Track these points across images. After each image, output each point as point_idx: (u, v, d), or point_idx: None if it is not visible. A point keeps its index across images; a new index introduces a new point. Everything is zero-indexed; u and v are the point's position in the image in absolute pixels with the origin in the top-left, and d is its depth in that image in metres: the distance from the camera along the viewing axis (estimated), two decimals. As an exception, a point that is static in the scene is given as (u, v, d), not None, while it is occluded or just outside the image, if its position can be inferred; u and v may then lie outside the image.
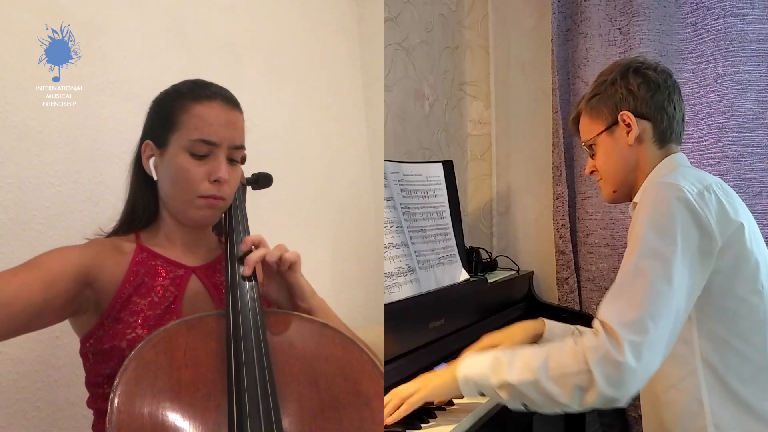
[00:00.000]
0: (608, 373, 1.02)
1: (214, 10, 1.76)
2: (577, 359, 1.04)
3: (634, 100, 1.29)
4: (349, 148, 2.16)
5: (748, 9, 1.86)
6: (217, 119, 1.08)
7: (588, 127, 1.38)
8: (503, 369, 1.10)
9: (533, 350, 1.11)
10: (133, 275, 1.07)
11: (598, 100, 1.34)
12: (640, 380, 1.04)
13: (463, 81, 2.42)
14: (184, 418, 0.83)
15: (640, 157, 1.31)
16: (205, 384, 0.87)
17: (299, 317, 1.05)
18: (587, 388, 1.03)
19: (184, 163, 1.07)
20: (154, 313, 1.05)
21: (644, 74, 1.30)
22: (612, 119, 1.32)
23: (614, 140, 1.32)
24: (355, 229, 2.13)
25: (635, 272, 1.09)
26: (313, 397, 0.91)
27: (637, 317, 1.04)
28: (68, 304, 1.03)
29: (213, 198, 1.08)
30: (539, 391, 1.07)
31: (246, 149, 1.27)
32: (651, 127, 1.30)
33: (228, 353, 0.91)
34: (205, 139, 1.07)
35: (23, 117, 1.28)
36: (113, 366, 1.00)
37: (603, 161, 1.36)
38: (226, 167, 1.08)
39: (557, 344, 1.10)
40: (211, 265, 1.16)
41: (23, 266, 1.00)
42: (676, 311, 1.07)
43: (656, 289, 1.06)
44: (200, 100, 1.08)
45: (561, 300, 2.12)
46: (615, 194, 1.37)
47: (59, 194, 1.34)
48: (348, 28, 2.20)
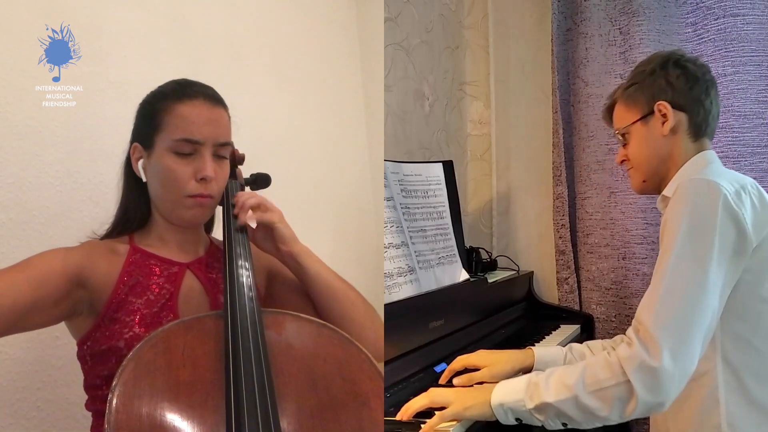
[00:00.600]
0: (647, 381, 1.02)
1: (214, 10, 1.76)
2: (614, 371, 1.05)
3: (672, 91, 1.29)
4: (349, 148, 2.16)
5: (748, 9, 1.86)
6: (199, 117, 1.08)
7: (623, 115, 1.37)
8: (539, 391, 1.10)
9: (567, 369, 1.12)
10: (127, 275, 1.07)
11: (636, 89, 1.34)
12: (678, 383, 1.04)
13: (463, 81, 2.42)
14: (182, 419, 0.83)
15: (673, 148, 1.30)
16: (204, 384, 0.87)
17: (297, 317, 1.05)
18: (628, 398, 1.04)
19: (170, 163, 1.07)
20: (150, 311, 1.05)
21: (684, 66, 1.30)
22: (648, 109, 1.31)
23: (648, 130, 1.32)
24: (355, 229, 2.13)
25: (672, 274, 1.09)
26: (311, 397, 0.91)
27: (674, 321, 1.05)
28: (59, 304, 1.03)
29: (201, 197, 1.09)
30: (579, 407, 1.07)
31: (245, 150, 1.27)
32: (686, 119, 1.29)
33: (226, 353, 0.91)
34: (188, 138, 1.07)
35: (23, 117, 1.28)
36: (111, 367, 1.00)
37: (635, 150, 1.35)
38: (211, 165, 1.08)
39: (591, 359, 1.11)
40: (203, 260, 1.16)
41: (12, 267, 1.01)
42: (711, 313, 1.08)
43: (693, 292, 1.07)
44: (182, 99, 1.09)
45: (561, 300, 2.12)
46: (644, 184, 1.37)
47: (59, 194, 1.34)
48: (348, 29, 2.20)
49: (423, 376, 1.35)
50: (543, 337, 1.83)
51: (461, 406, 1.13)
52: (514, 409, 1.12)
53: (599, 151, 2.06)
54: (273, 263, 1.21)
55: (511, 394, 1.13)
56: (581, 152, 2.11)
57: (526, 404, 1.10)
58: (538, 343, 1.76)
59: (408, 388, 1.28)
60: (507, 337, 1.83)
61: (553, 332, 1.91)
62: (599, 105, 2.06)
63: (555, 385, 1.09)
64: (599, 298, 2.05)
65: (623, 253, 2.01)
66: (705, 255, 1.08)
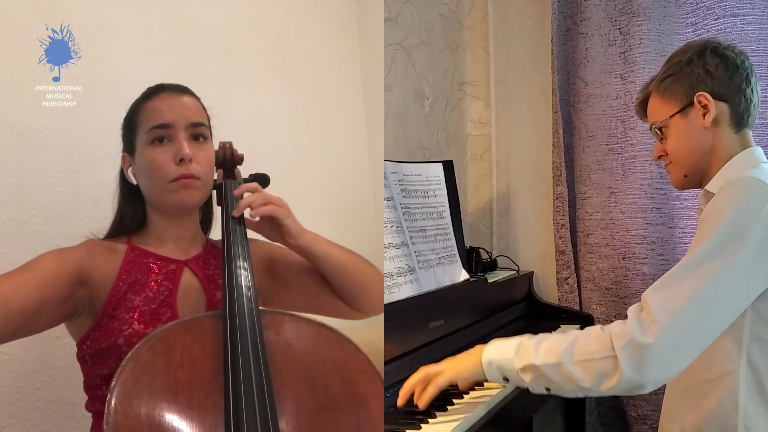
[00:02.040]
0: (633, 358, 1.02)
1: (214, 10, 1.76)
2: (603, 345, 1.05)
3: (712, 81, 1.23)
4: (349, 148, 2.16)
5: (748, 9, 1.86)
6: (166, 104, 1.12)
7: (659, 109, 1.31)
8: (529, 352, 1.11)
9: (559, 336, 1.13)
10: (125, 273, 1.08)
11: (672, 80, 1.28)
12: (666, 367, 1.04)
13: (463, 81, 2.42)
14: (180, 419, 0.83)
15: (715, 140, 1.25)
16: (202, 385, 0.88)
17: (296, 317, 1.05)
18: (611, 373, 1.04)
19: (149, 153, 1.10)
20: (149, 308, 1.06)
21: (723, 54, 1.25)
22: (687, 100, 1.26)
23: (689, 122, 1.26)
24: (355, 229, 2.12)
25: (696, 266, 1.06)
26: (309, 398, 0.92)
27: (680, 308, 1.03)
28: (64, 305, 1.03)
29: (183, 177, 1.10)
30: (562, 374, 1.08)
31: (244, 150, 1.27)
32: (728, 109, 1.24)
33: (225, 354, 0.92)
34: (158, 124, 1.10)
35: (23, 117, 1.28)
36: (111, 366, 1.00)
37: (675, 144, 1.29)
38: (187, 145, 1.10)
39: (584, 331, 1.11)
40: (201, 257, 1.17)
41: (16, 270, 1.01)
42: (724, 312, 1.06)
43: (708, 291, 1.05)
44: (150, 96, 1.14)
45: (561, 300, 2.12)
46: (686, 179, 1.31)
47: (59, 194, 1.34)
48: (348, 29, 2.20)
49: (423, 376, 1.35)
50: (543, 337, 1.83)
51: (453, 370, 1.16)
52: (502, 367, 1.14)
53: (599, 151, 2.06)
54: (272, 249, 1.23)
55: (501, 353, 1.14)
56: (581, 152, 2.11)
57: (515, 364, 1.12)
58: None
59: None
60: (507, 337, 1.83)
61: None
62: (599, 105, 2.06)
63: (544, 350, 1.10)
64: (599, 298, 2.05)
65: (623, 253, 2.00)
66: (736, 257, 1.05)
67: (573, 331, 1.12)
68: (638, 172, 1.98)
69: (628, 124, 2.00)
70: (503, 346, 1.15)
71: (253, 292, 1.03)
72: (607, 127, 2.05)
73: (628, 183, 2.01)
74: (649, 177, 1.97)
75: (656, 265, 1.97)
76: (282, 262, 1.24)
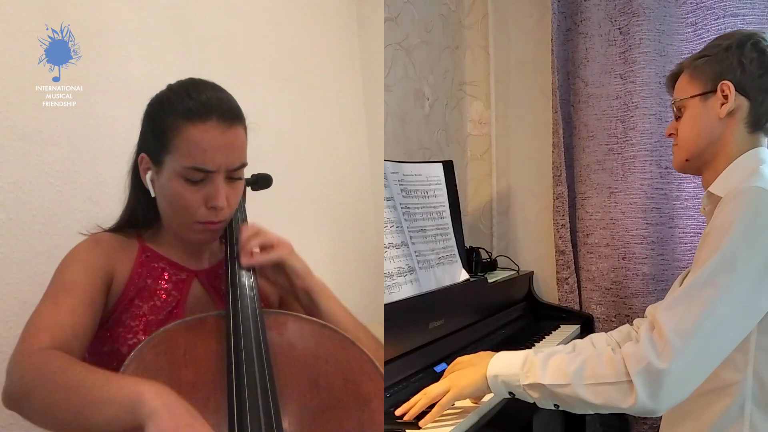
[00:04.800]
0: (649, 384, 1.00)
1: (214, 10, 1.76)
2: (616, 369, 1.03)
3: (741, 73, 1.20)
4: (349, 148, 2.16)
5: (748, 9, 1.86)
6: (212, 144, 1.00)
7: (685, 87, 1.28)
8: (536, 370, 1.09)
9: (567, 355, 1.11)
10: (137, 276, 1.07)
11: (705, 62, 1.24)
12: (680, 393, 1.02)
13: (463, 81, 2.42)
14: (184, 419, 0.82)
15: (725, 133, 1.22)
16: (205, 385, 0.87)
17: (299, 317, 1.05)
18: (625, 398, 1.02)
19: (179, 189, 1.02)
20: (156, 319, 1.05)
21: (763, 51, 1.20)
22: (711, 86, 1.22)
23: (705, 108, 1.23)
24: (355, 229, 2.13)
25: (706, 283, 1.04)
26: (313, 398, 0.91)
27: (693, 329, 1.01)
28: (101, 314, 1.03)
29: (211, 223, 1.05)
30: (572, 395, 1.06)
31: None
32: (748, 106, 1.20)
33: (228, 354, 0.91)
34: (199, 168, 1.00)
35: (23, 117, 1.27)
36: (112, 368, 0.99)
37: (687, 126, 1.26)
38: (224, 192, 1.02)
39: (594, 351, 1.10)
40: (214, 270, 1.15)
41: (61, 293, 0.97)
42: (738, 329, 1.05)
43: (720, 307, 1.03)
44: (193, 120, 0.99)
45: (561, 300, 2.12)
46: (687, 163, 1.28)
47: (59, 194, 1.34)
48: (348, 28, 2.20)
49: (423, 376, 1.35)
50: (543, 337, 1.83)
51: (458, 388, 1.14)
52: (508, 382, 1.12)
53: (599, 151, 2.06)
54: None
55: (506, 368, 1.13)
56: (581, 152, 2.11)
57: (521, 380, 1.11)
58: (538, 343, 1.76)
59: (408, 388, 1.28)
60: (507, 337, 1.83)
61: (553, 332, 1.91)
62: (599, 105, 2.06)
63: (552, 369, 1.09)
64: (599, 298, 2.05)
65: (623, 253, 2.01)
66: (746, 272, 1.04)
67: (580, 347, 1.11)
68: (638, 172, 1.98)
69: (628, 124, 2.00)
70: (509, 361, 1.14)
71: (255, 293, 1.02)
72: (607, 127, 2.05)
73: (628, 183, 2.01)
74: (649, 177, 1.97)
75: (656, 265, 1.97)
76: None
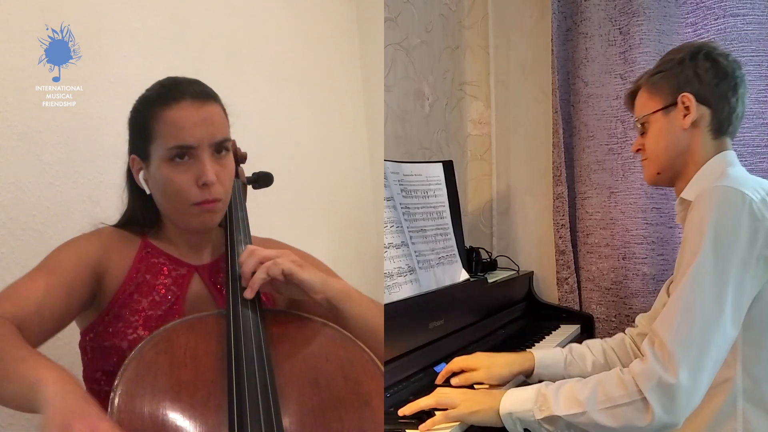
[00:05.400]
0: (664, 399, 1.01)
1: (213, 10, 1.76)
2: (628, 389, 1.04)
3: (699, 84, 1.24)
4: (349, 148, 2.16)
5: (748, 9, 1.86)
6: (189, 120, 1.02)
7: (645, 103, 1.32)
8: (549, 403, 1.10)
9: (578, 382, 1.12)
10: (136, 271, 1.07)
11: (662, 77, 1.29)
12: (694, 401, 1.04)
13: (463, 81, 2.42)
14: (184, 418, 0.83)
15: (692, 143, 1.25)
16: (206, 384, 0.87)
17: (299, 316, 1.05)
18: (642, 416, 1.03)
19: (167, 173, 1.03)
20: (155, 314, 1.05)
21: (715, 60, 1.25)
22: (671, 99, 1.26)
23: (669, 121, 1.27)
24: (355, 229, 2.12)
25: (692, 289, 1.07)
26: (313, 397, 0.91)
27: (692, 337, 1.03)
28: (85, 302, 1.04)
29: (206, 203, 1.05)
30: (589, 422, 1.07)
31: (244, 150, 1.27)
32: (710, 114, 1.24)
33: (228, 353, 0.91)
34: (181, 145, 1.02)
35: (23, 117, 1.27)
36: (112, 363, 1.00)
37: (653, 141, 1.30)
38: (212, 167, 1.03)
39: (604, 375, 1.10)
40: (215, 264, 1.15)
41: (42, 271, 0.99)
42: (730, 329, 1.06)
43: (713, 309, 1.05)
44: (168, 103, 1.03)
45: (561, 300, 2.12)
46: (658, 176, 1.32)
47: (59, 194, 1.34)
48: (348, 28, 2.20)
49: (423, 376, 1.35)
50: (543, 337, 1.83)
51: (467, 409, 1.13)
52: (523, 419, 1.12)
53: (599, 151, 2.06)
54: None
55: (520, 404, 1.12)
56: (581, 152, 2.11)
57: (536, 415, 1.10)
58: (538, 343, 1.76)
59: (408, 388, 1.28)
60: (507, 337, 1.83)
61: (553, 332, 1.91)
62: (599, 105, 2.06)
63: (565, 399, 1.09)
64: (599, 298, 2.05)
65: (623, 253, 2.01)
66: (728, 269, 1.06)
67: (592, 378, 1.11)
68: (638, 172, 1.98)
69: (628, 124, 2.00)
70: (522, 397, 1.14)
71: (256, 291, 1.02)
72: (607, 127, 2.06)
73: (628, 183, 2.01)
74: (649, 177, 1.97)
75: (656, 265, 1.97)
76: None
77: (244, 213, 1.18)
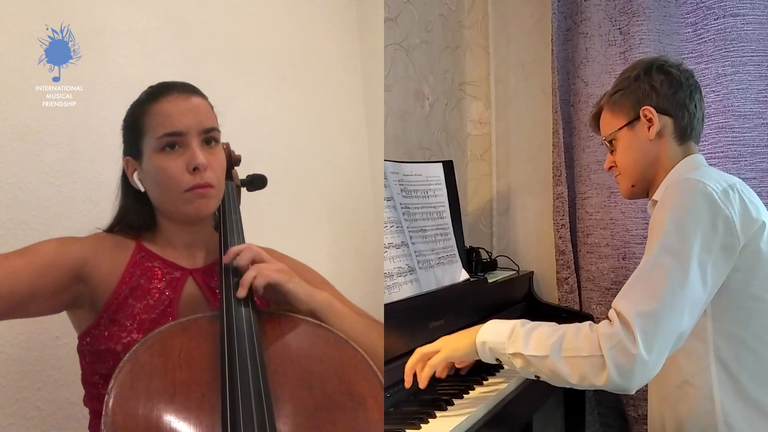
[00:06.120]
0: (620, 363, 1.04)
1: (213, 10, 1.76)
2: (592, 344, 1.07)
3: (657, 96, 1.31)
4: (349, 148, 2.16)
5: (748, 9, 1.86)
6: (177, 109, 1.07)
7: (609, 122, 1.39)
8: (519, 341, 1.14)
9: (550, 328, 1.15)
10: (129, 276, 1.07)
11: (621, 95, 1.36)
12: (649, 372, 1.06)
13: (463, 81, 2.42)
14: (178, 420, 0.83)
15: (660, 152, 1.32)
16: (200, 385, 0.88)
17: (293, 318, 1.05)
18: (597, 373, 1.06)
19: (159, 162, 1.07)
20: (149, 317, 1.05)
21: (667, 72, 1.32)
22: (634, 114, 1.33)
23: (635, 135, 1.34)
24: (355, 229, 2.12)
25: (653, 265, 1.11)
26: (307, 398, 0.92)
27: (651, 309, 1.06)
28: (58, 296, 1.03)
29: (198, 187, 1.07)
30: (549, 367, 1.10)
31: (244, 150, 1.27)
32: (672, 123, 1.31)
33: (222, 354, 0.92)
34: (169, 132, 1.06)
35: (23, 117, 1.28)
36: (108, 367, 1.00)
37: (623, 156, 1.37)
38: (201, 152, 1.07)
39: (573, 326, 1.13)
40: (209, 268, 1.15)
41: (18, 252, 1.01)
42: (690, 306, 1.09)
43: (672, 283, 1.08)
44: (156, 98, 1.09)
45: (561, 300, 2.12)
46: (633, 189, 1.39)
47: (59, 194, 1.34)
48: (348, 29, 2.20)
49: (422, 376, 1.35)
50: (543, 337, 1.83)
51: (449, 349, 1.21)
52: (494, 349, 1.17)
53: (599, 151, 2.06)
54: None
55: (494, 336, 1.18)
56: (581, 152, 2.11)
57: (506, 348, 1.15)
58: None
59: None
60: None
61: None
62: (600, 105, 2.06)
63: (534, 340, 1.13)
64: (599, 298, 2.05)
65: (623, 253, 2.01)
66: (687, 251, 1.10)
67: (563, 326, 1.14)
68: (638, 172, 1.98)
69: (628, 124, 2.00)
70: (498, 329, 1.19)
71: (249, 293, 1.02)
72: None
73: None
74: (649, 177, 1.97)
75: (656, 265, 1.97)
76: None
77: (238, 216, 1.18)
